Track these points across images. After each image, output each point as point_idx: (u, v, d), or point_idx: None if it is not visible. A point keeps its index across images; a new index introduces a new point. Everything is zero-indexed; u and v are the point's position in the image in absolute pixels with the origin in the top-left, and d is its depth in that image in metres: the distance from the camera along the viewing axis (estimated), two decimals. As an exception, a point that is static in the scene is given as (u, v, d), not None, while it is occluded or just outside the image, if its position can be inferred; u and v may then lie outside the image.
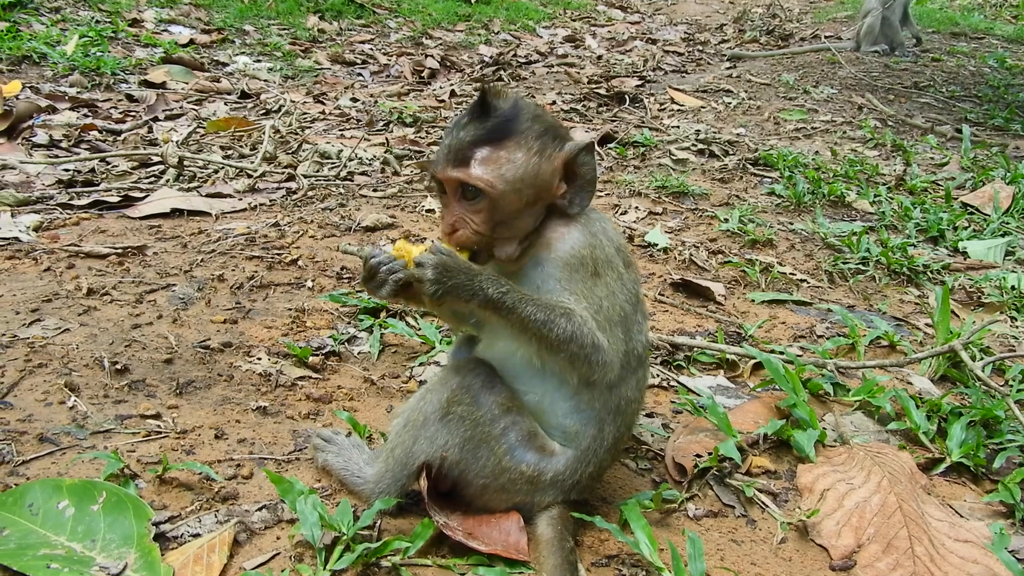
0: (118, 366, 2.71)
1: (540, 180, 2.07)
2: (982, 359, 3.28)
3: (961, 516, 2.48)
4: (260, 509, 2.12)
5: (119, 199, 4.48)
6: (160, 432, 2.41)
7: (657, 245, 4.43)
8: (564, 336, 1.97)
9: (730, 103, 8.45)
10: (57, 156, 5.25)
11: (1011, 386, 3.21)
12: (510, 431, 2.10)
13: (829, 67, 10.73)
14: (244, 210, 4.50)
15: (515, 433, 2.10)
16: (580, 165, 2.11)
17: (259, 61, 8.88)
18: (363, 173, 5.40)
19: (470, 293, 1.95)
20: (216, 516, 2.08)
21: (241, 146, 5.73)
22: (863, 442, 2.77)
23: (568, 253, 2.07)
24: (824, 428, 2.79)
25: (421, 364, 3.05)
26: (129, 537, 1.93)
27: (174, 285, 3.42)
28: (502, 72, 9.35)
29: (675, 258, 4.32)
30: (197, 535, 2.01)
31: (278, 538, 2.05)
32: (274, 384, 2.79)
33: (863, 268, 4.40)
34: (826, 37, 13.11)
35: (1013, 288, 4.26)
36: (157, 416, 2.49)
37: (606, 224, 2.21)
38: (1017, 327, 3.92)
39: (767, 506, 2.45)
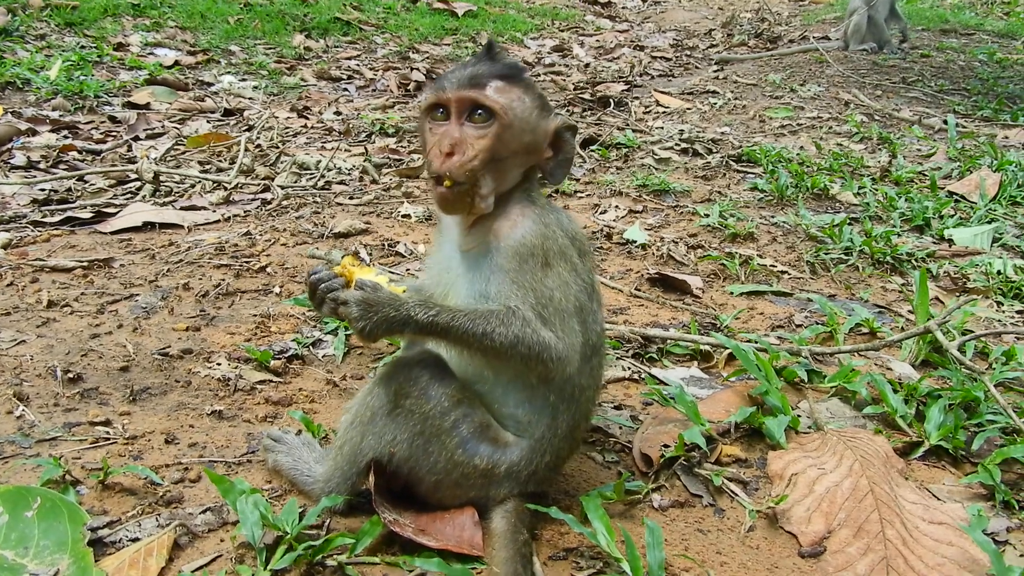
0: (71, 375, 2.66)
1: (537, 133, 2.09)
2: (960, 339, 3.20)
3: (938, 499, 2.40)
4: (204, 512, 2.06)
5: (91, 215, 4.44)
6: (108, 438, 2.36)
7: (636, 242, 4.37)
8: (507, 342, 1.92)
9: (715, 103, 8.41)
10: (34, 176, 5.21)
11: (993, 368, 3.14)
12: (461, 424, 2.03)
13: (817, 66, 10.69)
14: (217, 221, 4.46)
15: (467, 426, 2.04)
16: (564, 140, 2.14)
17: (244, 80, 8.86)
18: (341, 182, 5.35)
19: (400, 323, 1.91)
20: (157, 520, 2.02)
21: (220, 160, 5.70)
22: (838, 428, 2.69)
23: (518, 242, 2.01)
24: (798, 415, 2.72)
25: (385, 364, 2.99)
26: (63, 543, 1.87)
27: (138, 295, 3.37)
28: (488, 82, 9.32)
29: (653, 254, 4.25)
30: (136, 539, 1.95)
31: (222, 540, 1.99)
32: (232, 388, 2.73)
33: (846, 258, 4.33)
34: (815, 38, 13.09)
35: (999, 273, 4.19)
36: (107, 423, 2.44)
37: (560, 215, 2.17)
38: (1003, 311, 3.84)
39: (736, 495, 2.37)
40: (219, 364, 2.86)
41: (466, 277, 2.09)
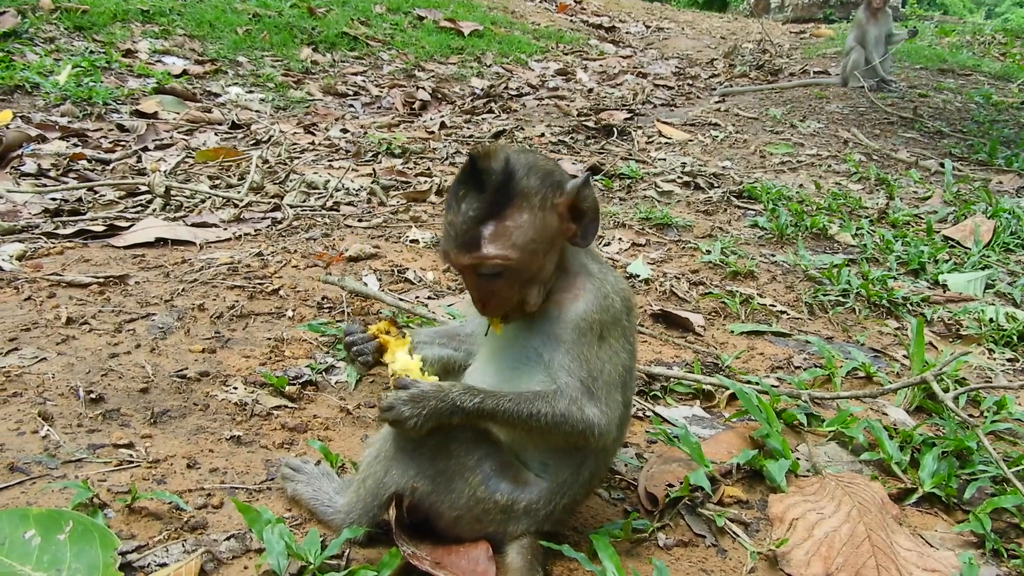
0: (93, 395, 2.72)
1: (549, 231, 2.05)
2: (956, 390, 3.30)
3: (931, 546, 2.49)
4: (228, 539, 2.13)
5: (104, 228, 4.51)
6: (132, 461, 2.42)
7: (639, 276, 4.46)
8: (552, 422, 2.00)
9: (717, 136, 8.54)
10: (45, 185, 5.28)
11: (985, 417, 3.24)
12: (485, 461, 2.10)
13: (817, 102, 10.85)
14: (229, 239, 4.53)
15: (490, 463, 2.11)
16: (583, 200, 2.07)
17: (251, 92, 8.95)
18: (349, 203, 5.44)
19: (449, 412, 1.98)
20: (184, 545, 2.08)
21: (229, 176, 5.77)
22: (836, 472, 2.78)
23: (580, 316, 2.07)
24: (797, 458, 2.81)
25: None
26: (95, 567, 1.93)
27: (154, 314, 3.43)
28: (493, 104, 9.44)
29: (656, 289, 4.35)
30: (164, 564, 2.01)
31: (245, 567, 2.05)
32: (249, 413, 2.80)
33: (843, 300, 4.44)
34: (815, 73, 13.28)
35: (991, 321, 4.30)
36: (130, 445, 2.50)
37: (612, 275, 2.21)
38: (995, 359, 3.95)
39: (738, 536, 2.46)
40: (236, 388, 2.93)
41: (519, 340, 2.15)
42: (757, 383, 3.28)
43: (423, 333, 2.45)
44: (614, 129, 8.33)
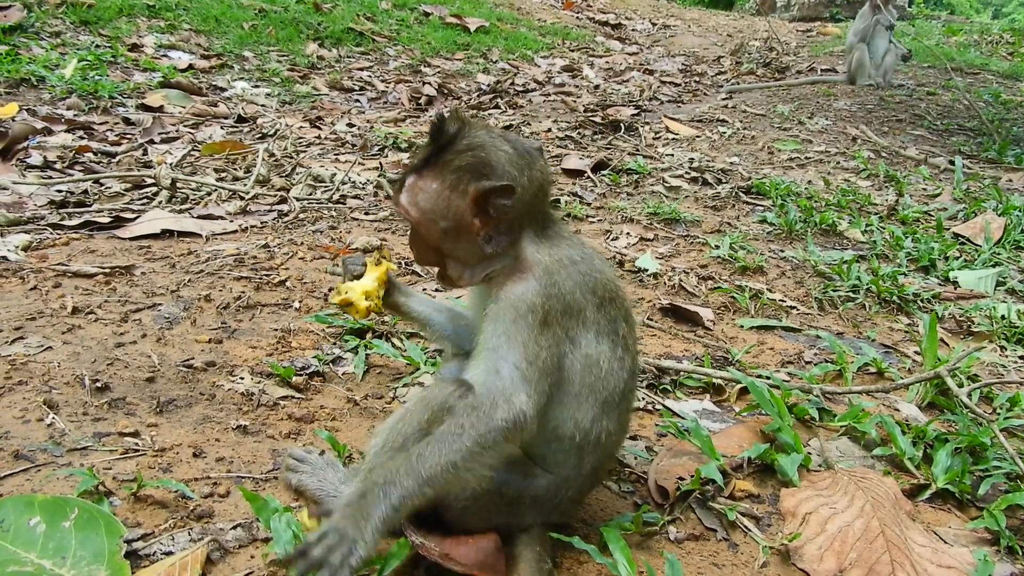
0: (99, 384, 2.70)
1: (453, 214, 2.03)
2: (969, 386, 3.27)
3: (945, 542, 2.45)
4: (235, 527, 2.10)
5: (110, 220, 4.48)
6: (138, 450, 2.40)
7: (647, 271, 4.43)
8: (486, 431, 1.89)
9: (725, 132, 8.50)
10: (51, 177, 5.26)
11: (998, 413, 3.20)
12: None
13: (824, 99, 10.81)
14: (235, 232, 4.51)
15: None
16: (492, 205, 2.01)
17: (257, 87, 8.93)
18: (356, 197, 5.41)
19: (383, 515, 1.83)
20: (190, 534, 2.06)
21: (235, 169, 5.75)
22: (848, 467, 2.75)
23: (516, 298, 2.01)
24: (809, 453, 2.78)
25: (405, 385, 3.04)
26: (100, 554, 1.91)
27: (160, 305, 3.41)
28: (499, 100, 9.41)
29: (665, 283, 4.32)
30: (170, 553, 1.99)
31: (252, 557, 2.03)
32: (256, 403, 2.77)
33: (853, 296, 4.40)
34: (823, 70, 13.23)
35: (1003, 318, 4.26)
36: (136, 434, 2.48)
37: (584, 266, 2.11)
38: (1006, 356, 3.91)
39: (749, 530, 2.43)
40: (242, 378, 2.91)
41: (483, 321, 2.11)
42: (768, 377, 3.25)
43: (432, 301, 2.47)
44: (621, 125, 8.29)
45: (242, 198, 5.04)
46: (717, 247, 4.87)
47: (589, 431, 2.10)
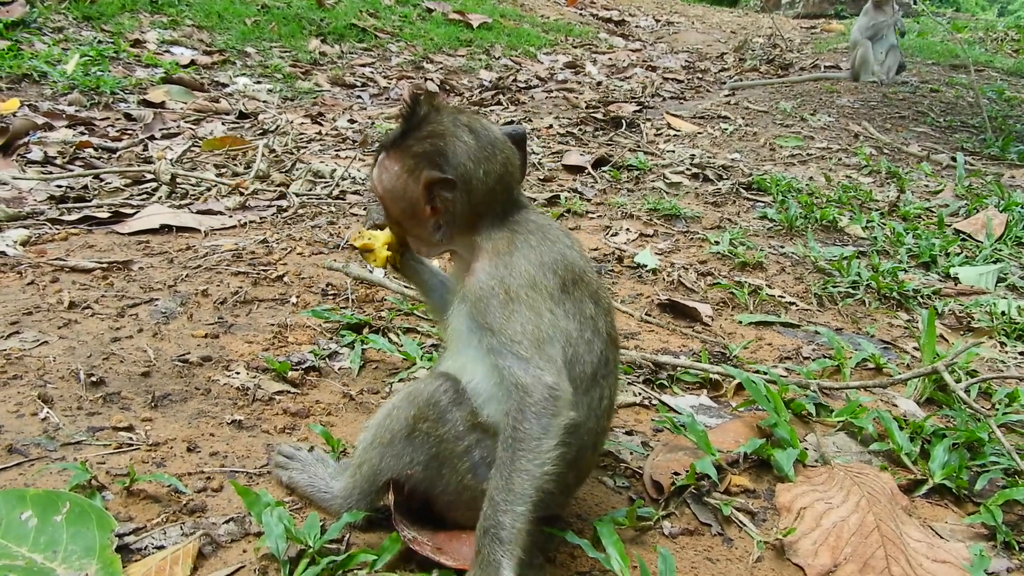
0: (94, 378, 2.70)
1: (408, 198, 2.11)
2: (967, 381, 3.25)
3: (942, 537, 2.44)
4: (227, 522, 2.10)
5: (109, 215, 4.49)
6: (132, 444, 2.40)
7: (647, 266, 4.42)
8: (535, 432, 1.88)
9: (726, 129, 8.48)
10: (51, 172, 5.26)
11: (996, 409, 3.19)
12: (474, 449, 2.05)
13: (827, 96, 10.78)
14: (234, 227, 4.51)
15: (479, 451, 2.05)
16: (436, 197, 2.06)
17: (259, 82, 8.93)
18: (355, 192, 5.41)
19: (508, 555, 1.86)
20: (182, 528, 2.06)
21: (235, 164, 5.75)
22: (845, 463, 2.74)
23: (478, 288, 2.01)
24: (805, 448, 2.77)
25: (401, 380, 3.04)
26: (91, 548, 1.91)
27: (157, 299, 3.41)
28: (501, 96, 9.40)
29: (664, 279, 4.31)
30: (161, 547, 1.99)
31: (244, 551, 2.03)
32: (251, 398, 2.77)
33: (853, 292, 4.39)
34: (826, 67, 13.19)
35: (1003, 314, 4.24)
36: (130, 428, 2.48)
37: (543, 249, 2.09)
38: (1006, 352, 3.90)
39: (744, 525, 2.42)
40: (238, 373, 2.91)
41: (453, 322, 2.12)
42: (765, 373, 3.24)
43: (442, 274, 2.50)
44: (623, 121, 8.27)
45: (241, 193, 5.04)
46: (717, 243, 4.85)
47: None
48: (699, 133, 8.24)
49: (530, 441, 1.87)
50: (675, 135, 8.10)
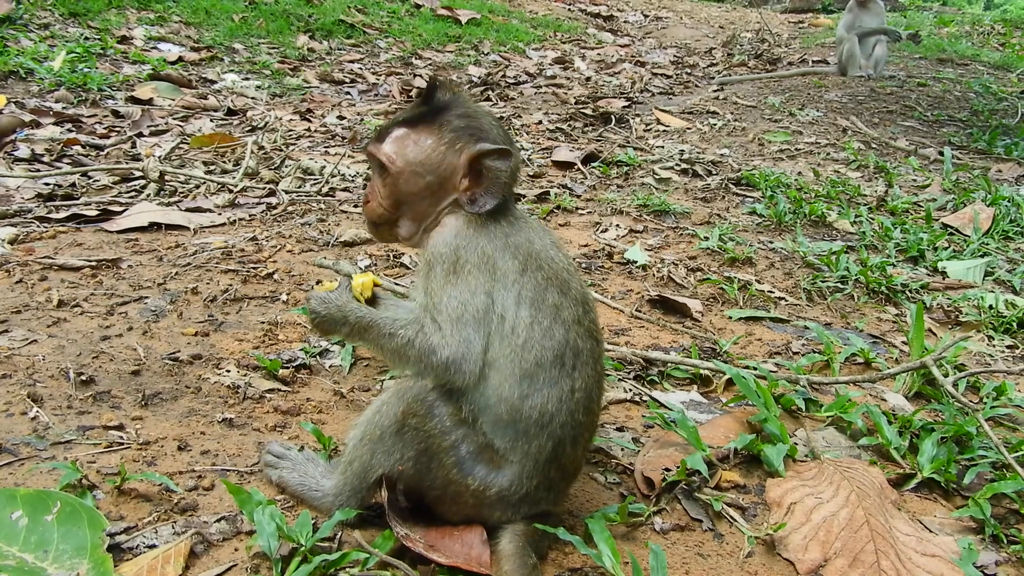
0: (83, 377, 2.69)
1: (442, 170, 2.17)
2: (955, 375, 3.28)
3: (930, 531, 2.46)
4: (219, 521, 2.10)
5: (97, 213, 4.47)
6: (122, 443, 2.39)
7: (636, 262, 4.43)
8: (401, 345, 2.07)
9: (715, 124, 8.49)
10: (38, 170, 5.23)
11: (984, 403, 3.21)
12: (461, 444, 2.06)
13: (815, 90, 10.81)
14: (223, 224, 4.50)
15: (466, 446, 2.06)
16: (487, 167, 2.14)
17: (247, 79, 8.90)
18: (345, 189, 5.40)
19: (341, 320, 2.16)
20: (173, 527, 2.06)
21: (224, 161, 5.73)
22: (834, 457, 2.76)
23: (430, 250, 2.14)
24: (795, 443, 2.78)
25: (392, 377, 3.03)
26: (82, 548, 1.90)
27: (147, 298, 3.40)
28: (490, 92, 9.39)
29: (654, 275, 4.32)
30: (153, 546, 1.98)
31: (236, 550, 2.03)
32: (242, 396, 2.77)
33: (842, 287, 4.41)
34: (814, 62, 13.23)
35: (991, 307, 4.27)
36: (120, 427, 2.47)
37: (494, 238, 2.14)
38: (993, 345, 3.92)
39: (735, 520, 2.43)
40: (228, 371, 2.90)
41: None
42: (755, 368, 3.25)
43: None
44: (612, 117, 8.28)
45: (231, 191, 5.02)
46: (706, 238, 4.87)
47: (519, 407, 2.04)
48: (688, 128, 8.25)
49: (403, 341, 2.07)
50: (664, 131, 8.11)
